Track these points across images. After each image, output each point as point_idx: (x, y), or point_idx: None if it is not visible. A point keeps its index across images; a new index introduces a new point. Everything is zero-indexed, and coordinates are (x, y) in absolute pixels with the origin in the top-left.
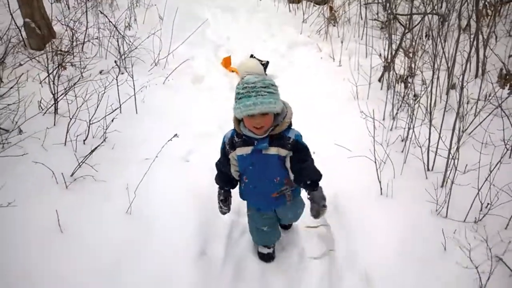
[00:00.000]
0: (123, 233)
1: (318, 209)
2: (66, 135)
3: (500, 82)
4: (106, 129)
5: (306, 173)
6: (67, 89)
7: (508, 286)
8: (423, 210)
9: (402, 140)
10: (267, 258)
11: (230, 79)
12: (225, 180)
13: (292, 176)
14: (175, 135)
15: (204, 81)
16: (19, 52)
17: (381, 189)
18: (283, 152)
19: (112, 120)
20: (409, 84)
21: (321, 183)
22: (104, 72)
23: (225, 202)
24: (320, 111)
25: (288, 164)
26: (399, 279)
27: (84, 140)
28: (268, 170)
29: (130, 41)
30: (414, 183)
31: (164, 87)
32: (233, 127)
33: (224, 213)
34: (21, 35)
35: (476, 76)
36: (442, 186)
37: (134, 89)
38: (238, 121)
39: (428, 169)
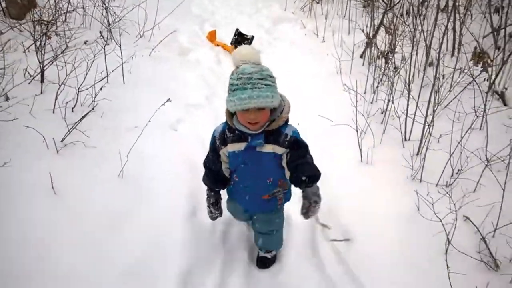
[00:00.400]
0: (115, 196)
1: (309, 206)
2: (55, 102)
3: (474, 60)
4: (94, 97)
5: (303, 168)
6: (54, 56)
7: (472, 241)
8: (400, 175)
9: (382, 112)
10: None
11: (215, 53)
12: (214, 180)
13: (288, 174)
14: (168, 99)
15: (190, 54)
16: None
17: (361, 156)
18: (279, 150)
19: (101, 89)
20: (389, 59)
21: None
22: (89, 42)
23: (215, 205)
24: (304, 85)
25: (284, 163)
26: (378, 235)
27: (72, 108)
28: (262, 169)
29: (114, 12)
30: (392, 151)
31: (151, 58)
32: (224, 121)
33: (215, 219)
34: (0, 3)
35: (453, 54)
36: (417, 153)
37: (121, 58)
38: (231, 114)
39: (405, 139)
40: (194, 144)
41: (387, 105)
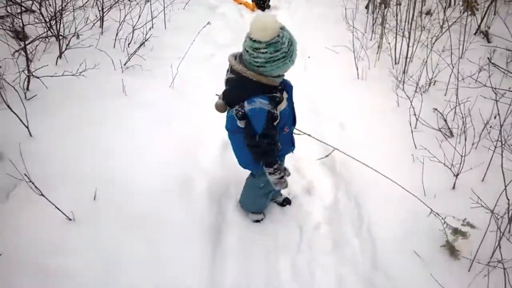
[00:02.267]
0: (168, 99)
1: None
2: (115, 38)
3: (464, 6)
4: (146, 35)
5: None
6: (111, 6)
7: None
8: (387, 86)
9: (379, 46)
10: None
11: (238, 9)
12: (276, 149)
13: None
14: (208, 22)
15: (217, 9)
16: None
17: (358, 74)
18: None
19: (150, 29)
20: (387, 5)
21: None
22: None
23: (286, 170)
24: (315, 28)
25: None
26: (366, 123)
27: (128, 44)
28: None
29: None
30: (383, 72)
31: (185, 11)
32: (251, 100)
33: (286, 186)
34: None
35: (449, 5)
36: (404, 73)
37: (164, 8)
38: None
39: (395, 63)
40: (225, 71)
41: (381, 38)
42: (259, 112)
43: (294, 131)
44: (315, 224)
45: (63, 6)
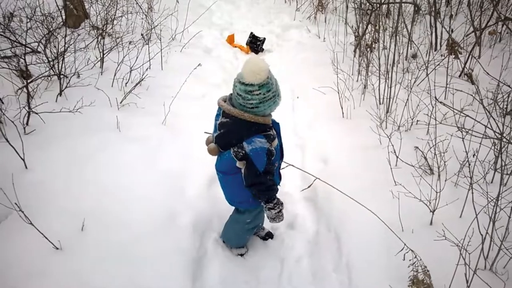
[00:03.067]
0: (160, 134)
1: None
2: (114, 78)
3: (448, 50)
4: (142, 75)
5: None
6: (111, 48)
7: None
8: (370, 125)
9: (365, 87)
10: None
11: (233, 52)
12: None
13: None
14: (199, 64)
15: (213, 52)
16: (61, 29)
17: (343, 113)
18: None
19: (146, 70)
20: (373, 49)
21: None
22: (133, 43)
23: (282, 203)
24: (304, 71)
25: None
26: (350, 164)
27: (126, 83)
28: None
29: (152, 20)
30: (367, 112)
31: (181, 54)
32: (249, 139)
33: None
34: (61, 15)
35: (435, 49)
36: (387, 113)
37: (161, 50)
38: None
39: (380, 103)
40: (215, 109)
41: (366, 80)
42: (260, 151)
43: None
44: (297, 257)
45: (66, 47)
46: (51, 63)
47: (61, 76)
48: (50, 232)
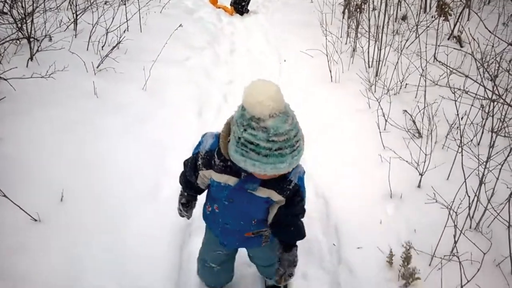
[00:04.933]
0: (141, 101)
1: (284, 275)
2: (89, 41)
3: (438, 11)
4: (120, 37)
5: (294, 232)
6: (85, 8)
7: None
8: (359, 88)
9: (354, 50)
10: None
11: (217, 13)
12: (189, 186)
13: (270, 219)
14: (180, 25)
15: (195, 13)
16: None
17: (331, 77)
18: (276, 197)
19: (124, 32)
20: (363, 10)
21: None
22: (108, 2)
23: (186, 206)
24: (291, 33)
25: (273, 209)
26: (339, 128)
27: (102, 47)
28: (249, 211)
29: None
30: (357, 75)
31: (161, 15)
32: (216, 133)
33: (182, 216)
34: None
35: (425, 11)
36: (376, 76)
37: (139, 10)
38: (226, 137)
39: (369, 66)
40: (200, 74)
41: (355, 42)
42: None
43: None
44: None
45: (35, 7)
46: (19, 24)
47: (31, 39)
48: (27, 204)
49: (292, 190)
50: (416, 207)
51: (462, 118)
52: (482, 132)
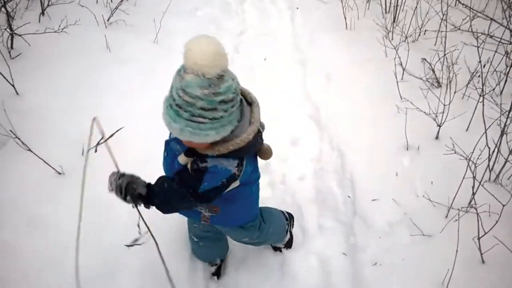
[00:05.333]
0: (152, 54)
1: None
2: None
3: None
4: None
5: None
6: None
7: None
8: (375, 36)
9: None
10: (212, 274)
11: None
12: None
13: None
14: None
15: None
16: None
17: (346, 24)
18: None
19: None
20: None
21: None
22: None
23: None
24: None
25: None
26: (354, 78)
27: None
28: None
29: None
30: (373, 22)
31: None
32: None
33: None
34: None
35: None
36: (394, 22)
37: None
38: None
39: (386, 12)
40: (210, 24)
41: None
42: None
43: None
44: (299, 175)
45: None
46: None
47: None
48: (50, 158)
49: (199, 169)
50: (434, 159)
51: (484, 66)
52: (506, 81)
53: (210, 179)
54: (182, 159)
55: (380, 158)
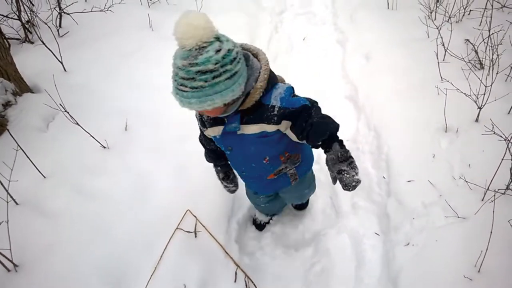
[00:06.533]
0: None
1: (336, 176)
2: None
3: None
4: None
5: (314, 133)
6: None
7: (463, 50)
8: (418, 15)
9: None
10: (259, 227)
11: None
12: (214, 156)
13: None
14: None
15: None
16: None
17: (388, 3)
18: (268, 128)
19: None
20: None
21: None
22: None
23: (227, 179)
24: None
25: (292, 136)
26: (394, 59)
27: None
28: (251, 153)
29: None
30: (416, 1)
31: None
32: None
33: (232, 192)
34: None
35: None
36: (437, 1)
37: None
38: None
39: None
40: (250, 2)
41: None
42: (287, 94)
43: None
44: None
45: None
46: None
47: None
48: (96, 132)
49: (279, 114)
50: (472, 142)
51: None
52: None
53: (289, 94)
54: (251, 128)
55: (417, 140)
